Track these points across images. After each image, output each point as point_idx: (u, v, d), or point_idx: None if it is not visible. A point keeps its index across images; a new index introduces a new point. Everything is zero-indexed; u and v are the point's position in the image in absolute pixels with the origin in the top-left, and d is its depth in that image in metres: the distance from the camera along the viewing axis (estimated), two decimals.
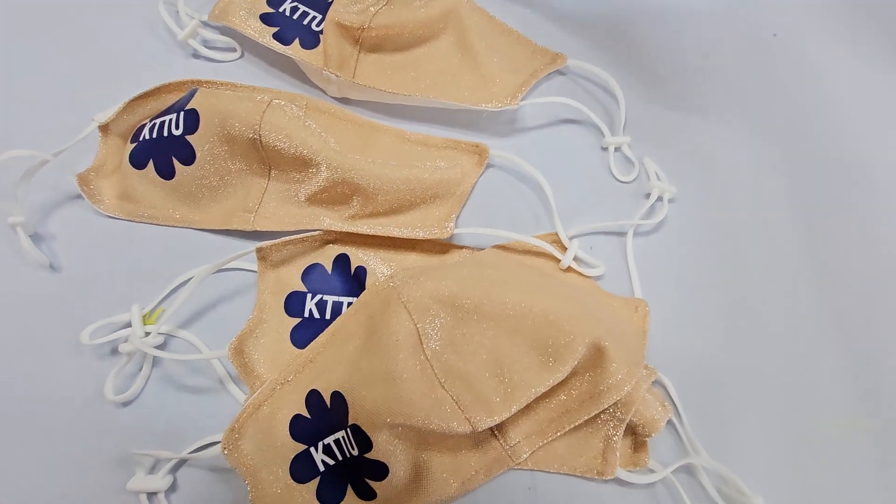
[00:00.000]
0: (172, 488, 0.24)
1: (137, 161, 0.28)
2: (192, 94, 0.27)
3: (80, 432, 0.25)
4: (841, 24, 0.36)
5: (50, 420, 0.25)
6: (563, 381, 0.24)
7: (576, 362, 0.23)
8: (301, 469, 0.23)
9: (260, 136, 0.26)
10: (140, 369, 0.26)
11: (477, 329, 0.23)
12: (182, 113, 0.27)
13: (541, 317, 0.23)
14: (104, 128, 0.29)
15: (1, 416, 0.25)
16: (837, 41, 0.36)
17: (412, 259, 0.28)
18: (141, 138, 0.28)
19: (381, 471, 0.22)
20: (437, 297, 0.23)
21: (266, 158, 0.27)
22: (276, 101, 0.26)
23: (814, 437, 0.26)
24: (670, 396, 0.26)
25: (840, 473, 0.25)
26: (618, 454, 0.24)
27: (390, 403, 0.21)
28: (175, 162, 0.27)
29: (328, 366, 0.24)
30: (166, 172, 0.28)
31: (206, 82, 0.30)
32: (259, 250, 0.26)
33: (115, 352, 0.26)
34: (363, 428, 0.22)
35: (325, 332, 0.25)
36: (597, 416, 0.24)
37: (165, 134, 0.27)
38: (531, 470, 0.25)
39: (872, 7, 0.37)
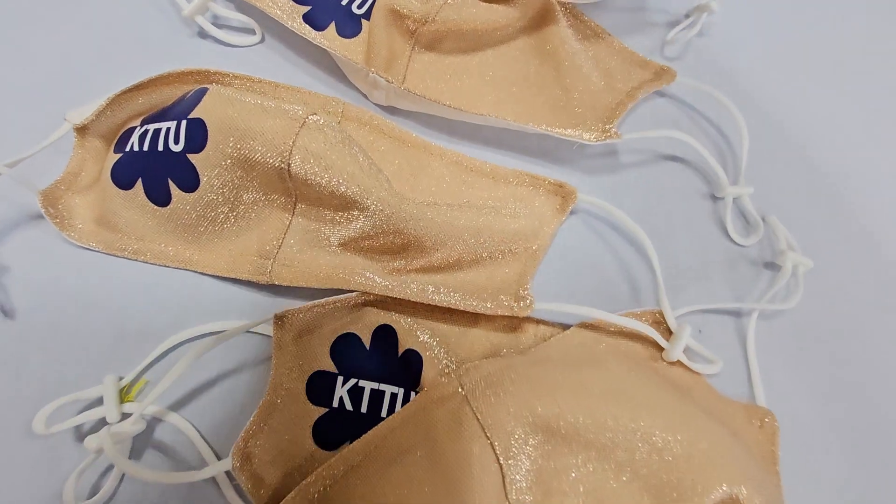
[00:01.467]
0: None
1: (122, 179, 0.21)
2: (199, 96, 0.20)
3: None
4: None
5: None
6: None
7: None
8: None
9: (289, 164, 0.19)
10: (112, 468, 0.19)
11: (574, 462, 0.17)
12: (185, 122, 0.20)
13: (662, 449, 0.17)
14: (81, 128, 0.22)
15: None
16: None
17: (474, 337, 0.21)
18: (128, 148, 0.21)
19: None
20: (526, 419, 0.17)
21: (293, 189, 0.21)
22: (313, 117, 0.19)
23: None
24: None
25: None
26: None
27: None
28: (172, 186, 0.20)
29: (367, 490, 0.18)
30: (159, 198, 0.21)
31: (217, 74, 0.23)
32: (279, 317, 0.20)
33: (79, 437, 0.20)
34: None
35: (364, 438, 0.19)
36: None
37: (161, 148, 0.20)
38: None
39: None
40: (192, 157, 0.20)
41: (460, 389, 0.18)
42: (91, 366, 0.20)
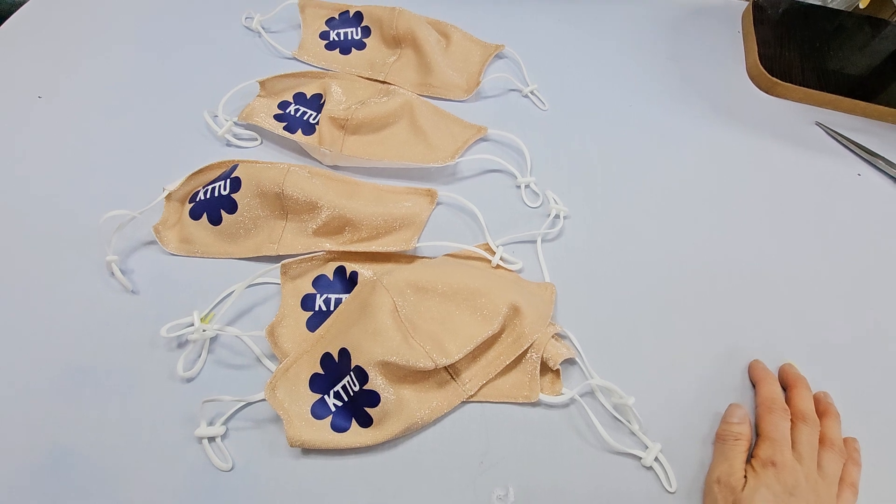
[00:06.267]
0: (225, 435, 0.34)
1: (195, 214, 0.41)
2: (234, 168, 0.41)
3: (159, 400, 0.34)
4: (669, 96, 0.54)
5: (137, 392, 0.35)
6: (495, 335, 0.35)
7: (502, 318, 0.35)
8: (318, 411, 0.34)
9: (283, 190, 0.39)
10: (199, 356, 0.36)
11: (433, 302, 0.35)
12: (229, 179, 0.40)
13: (476, 292, 0.36)
14: (168, 196, 0.42)
15: (101, 393, 0.34)
16: (665, 106, 0.53)
17: (389, 267, 0.40)
18: (197, 199, 0.41)
19: (375, 399, 0.33)
20: (406, 282, 0.35)
21: (285, 206, 0.40)
22: (293, 167, 0.40)
23: (668, 359, 0.38)
24: (574, 344, 0.38)
25: (682, 375, 0.37)
26: (539, 384, 0.35)
27: (380, 348, 0.32)
28: (222, 212, 0.40)
29: (334, 336, 0.35)
30: (215, 220, 0.40)
31: (240, 161, 0.44)
32: (283, 266, 0.38)
33: (180, 345, 0.36)
34: (362, 366, 0.32)
35: (330, 317, 0.36)
36: (521, 357, 0.36)
37: (216, 194, 0.40)
38: (481, 402, 0.35)
39: (692, 82, 0.55)
40: (233, 195, 0.40)
41: (375, 277, 0.36)
42: (184, 308, 0.37)
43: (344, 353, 0.34)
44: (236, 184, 0.40)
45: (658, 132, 0.51)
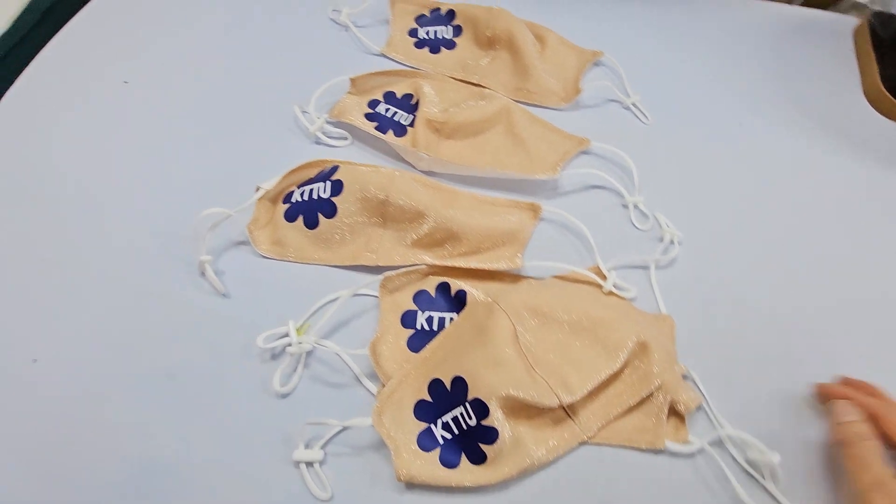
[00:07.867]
0: (323, 460, 0.31)
1: (290, 216, 0.38)
2: (333, 170, 0.38)
3: (252, 414, 0.32)
4: (780, 116, 0.50)
5: (228, 403, 0.32)
6: (618, 371, 0.32)
7: (628, 353, 0.32)
8: (425, 441, 0.31)
9: (388, 196, 0.36)
10: (294, 370, 0.33)
11: (554, 330, 0.32)
12: (329, 182, 0.38)
13: (600, 322, 0.32)
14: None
15: (190, 402, 0.32)
16: (777, 127, 0.49)
17: (493, 286, 0.37)
18: (293, 200, 0.39)
19: (492, 435, 0.30)
20: (526, 307, 0.32)
21: (385, 213, 0.38)
22: (397, 173, 0.37)
23: (802, 405, 0.34)
24: (698, 386, 0.34)
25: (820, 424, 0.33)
26: (665, 428, 0.32)
27: (504, 379, 0.29)
28: (320, 216, 0.37)
29: (443, 360, 0.32)
30: (312, 223, 0.38)
31: (334, 161, 0.42)
32: (386, 278, 0.36)
33: (274, 356, 0.34)
34: (483, 399, 0.29)
35: (437, 337, 0.34)
36: (647, 399, 0.32)
37: (315, 197, 0.38)
38: (599, 445, 0.32)
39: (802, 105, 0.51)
40: (334, 198, 0.37)
41: (490, 299, 0.33)
42: (276, 315, 0.35)
43: (459, 381, 0.31)
44: (338, 187, 0.37)
45: (772, 155, 0.47)
